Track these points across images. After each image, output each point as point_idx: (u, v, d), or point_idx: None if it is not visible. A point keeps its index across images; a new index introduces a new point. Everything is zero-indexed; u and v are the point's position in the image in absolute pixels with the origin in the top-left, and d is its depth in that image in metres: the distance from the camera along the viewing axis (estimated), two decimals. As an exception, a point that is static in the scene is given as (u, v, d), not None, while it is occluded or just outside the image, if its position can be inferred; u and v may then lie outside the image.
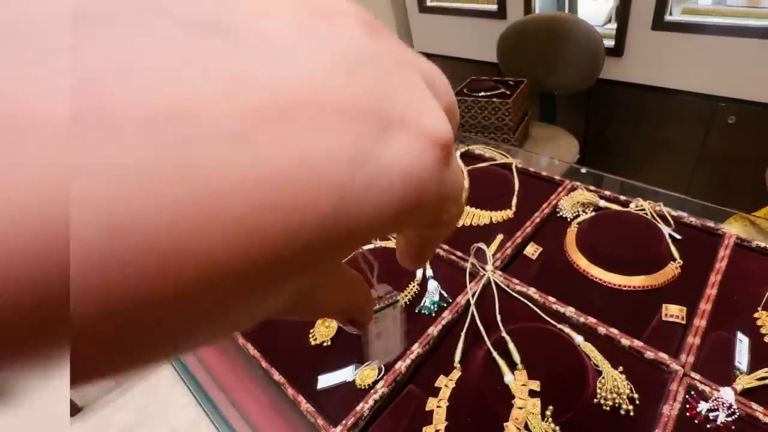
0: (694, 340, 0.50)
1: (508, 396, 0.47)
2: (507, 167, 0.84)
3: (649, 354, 0.49)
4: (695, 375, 0.47)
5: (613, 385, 0.47)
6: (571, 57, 1.53)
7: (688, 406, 0.45)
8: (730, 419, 0.43)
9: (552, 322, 0.54)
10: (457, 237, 0.70)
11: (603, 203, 0.71)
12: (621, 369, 0.48)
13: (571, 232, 0.68)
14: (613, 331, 0.52)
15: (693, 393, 0.46)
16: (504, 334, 0.52)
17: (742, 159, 1.52)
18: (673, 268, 0.60)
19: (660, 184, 0.78)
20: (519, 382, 0.48)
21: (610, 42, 1.57)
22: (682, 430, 0.43)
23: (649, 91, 1.61)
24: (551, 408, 0.45)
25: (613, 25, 1.62)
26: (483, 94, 1.43)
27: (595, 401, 0.46)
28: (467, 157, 0.91)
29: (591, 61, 1.49)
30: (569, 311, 0.55)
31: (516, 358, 0.49)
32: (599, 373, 0.48)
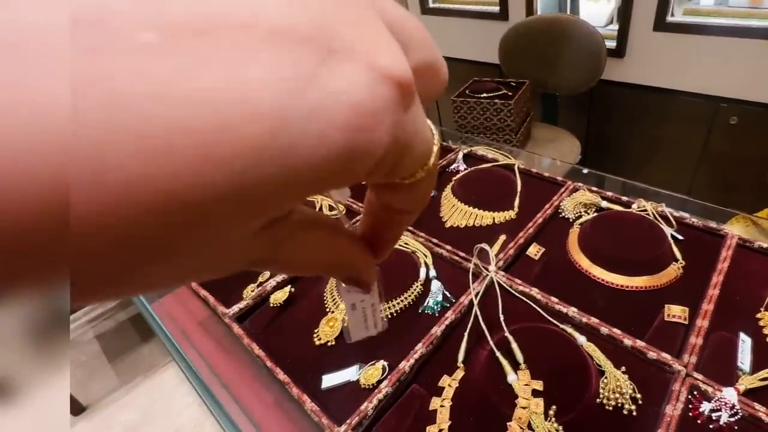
0: (696, 340, 0.50)
1: (511, 396, 0.47)
2: (509, 168, 0.84)
3: (652, 354, 0.49)
4: (698, 375, 0.47)
5: (616, 385, 0.47)
6: (573, 58, 1.53)
7: (690, 406, 0.45)
8: (732, 420, 0.43)
9: (555, 322, 0.54)
10: (461, 238, 0.71)
11: (605, 204, 0.71)
12: (623, 369, 0.49)
13: (574, 232, 0.68)
14: (616, 332, 0.52)
15: (696, 393, 0.46)
16: (507, 334, 0.52)
17: (744, 159, 1.52)
18: (676, 268, 0.60)
19: (662, 184, 0.78)
20: (522, 381, 0.48)
21: (611, 43, 1.57)
22: (684, 430, 0.43)
23: (651, 92, 1.61)
24: (554, 408, 0.46)
25: (615, 26, 1.62)
26: (485, 95, 1.43)
27: (598, 401, 0.47)
28: (470, 158, 0.91)
29: (593, 62, 1.49)
30: (572, 311, 0.55)
31: (519, 358, 0.50)
32: (602, 373, 0.49)
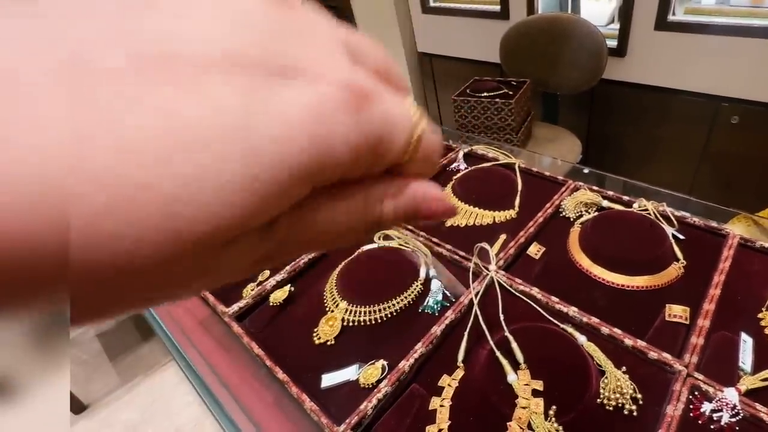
0: (697, 340, 0.50)
1: (511, 395, 0.47)
2: (510, 167, 0.84)
3: (653, 354, 0.49)
4: (699, 375, 0.46)
5: (617, 385, 0.47)
6: (574, 57, 1.52)
7: (691, 406, 0.45)
8: (734, 420, 0.43)
9: (555, 321, 0.54)
10: (461, 237, 0.71)
11: (606, 203, 0.71)
12: (624, 369, 0.48)
13: (574, 232, 0.68)
14: (617, 331, 0.52)
15: (697, 393, 0.46)
16: (507, 333, 0.52)
17: (745, 159, 1.52)
18: (677, 268, 0.60)
19: (663, 184, 0.78)
20: (522, 381, 0.48)
21: (612, 42, 1.56)
22: (685, 430, 0.43)
23: (652, 91, 1.60)
24: (554, 408, 0.45)
25: (616, 26, 1.62)
26: (486, 94, 1.43)
27: (599, 401, 0.46)
28: (470, 158, 0.91)
29: (594, 62, 1.49)
30: (572, 311, 0.55)
31: (519, 357, 0.49)
32: (602, 373, 0.48)
